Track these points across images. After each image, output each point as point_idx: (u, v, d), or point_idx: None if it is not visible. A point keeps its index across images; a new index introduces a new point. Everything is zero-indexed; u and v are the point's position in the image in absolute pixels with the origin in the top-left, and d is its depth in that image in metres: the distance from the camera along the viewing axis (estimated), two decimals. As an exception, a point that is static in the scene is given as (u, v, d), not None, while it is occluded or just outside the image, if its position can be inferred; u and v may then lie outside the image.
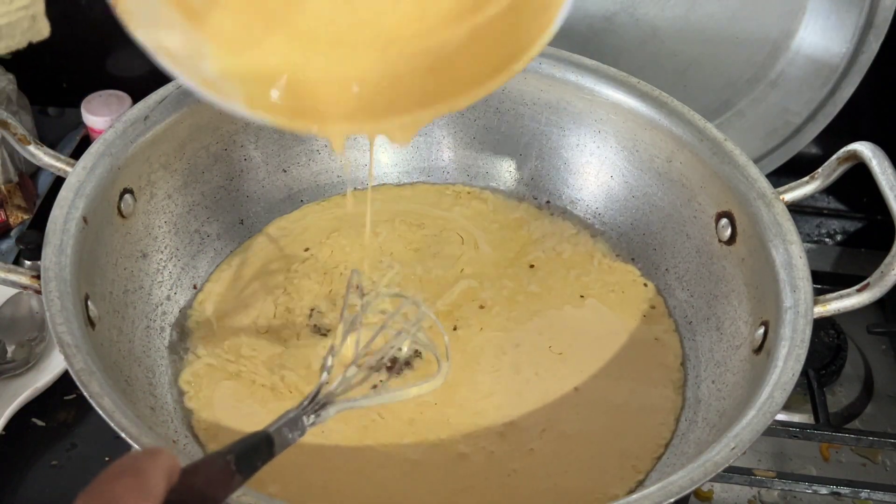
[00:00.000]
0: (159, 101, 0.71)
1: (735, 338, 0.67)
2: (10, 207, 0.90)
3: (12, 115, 0.72)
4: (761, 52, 0.89)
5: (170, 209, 0.73)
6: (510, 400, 0.68)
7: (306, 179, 0.81)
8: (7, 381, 0.76)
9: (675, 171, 0.75)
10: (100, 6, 1.01)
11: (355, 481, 0.63)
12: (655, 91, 0.75)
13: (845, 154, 0.66)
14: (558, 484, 0.63)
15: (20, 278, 0.60)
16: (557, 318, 0.73)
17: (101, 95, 0.97)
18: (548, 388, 0.69)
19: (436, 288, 0.75)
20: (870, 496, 0.74)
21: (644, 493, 0.51)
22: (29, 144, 0.66)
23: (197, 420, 0.66)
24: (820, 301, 0.62)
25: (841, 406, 0.85)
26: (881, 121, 0.96)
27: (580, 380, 0.69)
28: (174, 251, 0.73)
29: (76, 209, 0.63)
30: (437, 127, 0.83)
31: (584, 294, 0.75)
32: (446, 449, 0.65)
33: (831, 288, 0.63)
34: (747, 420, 0.55)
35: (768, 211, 0.67)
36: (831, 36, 0.87)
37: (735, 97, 0.92)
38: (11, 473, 0.74)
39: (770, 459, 0.80)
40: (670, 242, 0.76)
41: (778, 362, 0.58)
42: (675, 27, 0.89)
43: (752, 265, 0.68)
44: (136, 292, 0.69)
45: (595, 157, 0.80)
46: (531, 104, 0.80)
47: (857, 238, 1.03)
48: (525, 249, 0.78)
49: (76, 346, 0.56)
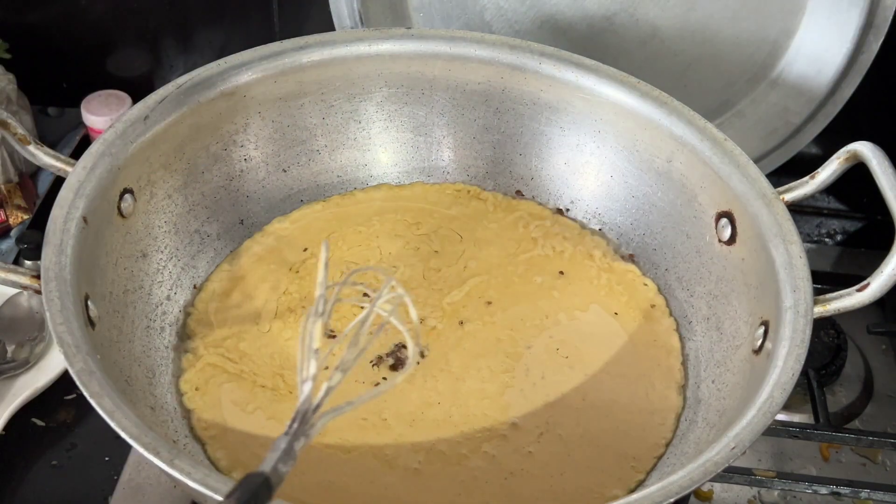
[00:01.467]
0: (159, 101, 0.71)
1: (735, 338, 0.67)
2: (10, 207, 0.90)
3: (12, 115, 0.72)
4: (761, 52, 0.89)
5: (170, 209, 0.73)
6: (516, 400, 0.68)
7: (306, 179, 0.81)
8: (7, 381, 0.77)
9: (675, 171, 0.75)
10: (100, 6, 1.02)
11: (357, 482, 0.63)
12: (655, 91, 0.75)
13: (845, 154, 0.66)
14: (558, 485, 0.63)
15: (20, 278, 0.60)
16: (558, 318, 0.73)
17: (101, 95, 0.98)
18: (548, 389, 0.69)
19: (441, 286, 0.75)
20: (870, 496, 0.74)
21: (644, 493, 0.51)
22: (29, 144, 0.66)
23: (197, 420, 0.66)
24: (820, 301, 0.62)
25: (841, 406, 0.85)
26: (881, 121, 0.96)
27: (579, 380, 0.69)
28: (174, 251, 0.73)
29: (76, 209, 0.63)
30: (437, 127, 0.83)
31: (584, 294, 0.75)
32: (448, 450, 0.65)
33: (831, 288, 0.63)
34: (747, 420, 0.55)
35: (768, 211, 0.67)
36: (831, 36, 0.87)
37: (735, 97, 0.92)
38: (11, 473, 0.74)
39: (770, 459, 0.80)
40: (670, 242, 0.76)
41: (778, 362, 0.58)
42: (675, 27, 0.89)
43: (752, 265, 0.68)
44: (136, 292, 0.69)
45: (595, 157, 0.80)
46: (531, 104, 0.80)
47: (857, 238, 1.03)
48: (525, 249, 0.78)
49: (76, 346, 0.56)
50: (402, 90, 0.81)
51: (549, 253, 0.78)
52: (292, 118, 0.79)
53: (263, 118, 0.78)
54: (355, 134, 0.82)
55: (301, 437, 0.48)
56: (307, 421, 0.49)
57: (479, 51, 0.79)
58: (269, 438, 0.64)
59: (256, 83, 0.76)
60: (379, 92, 0.81)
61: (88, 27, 1.00)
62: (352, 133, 0.82)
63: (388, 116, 0.82)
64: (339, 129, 0.82)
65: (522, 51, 0.78)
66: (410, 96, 0.81)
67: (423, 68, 0.80)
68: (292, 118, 0.79)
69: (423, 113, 0.82)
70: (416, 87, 0.81)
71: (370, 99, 0.81)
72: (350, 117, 0.81)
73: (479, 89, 0.80)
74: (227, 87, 0.75)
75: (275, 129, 0.79)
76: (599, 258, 0.78)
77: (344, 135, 0.82)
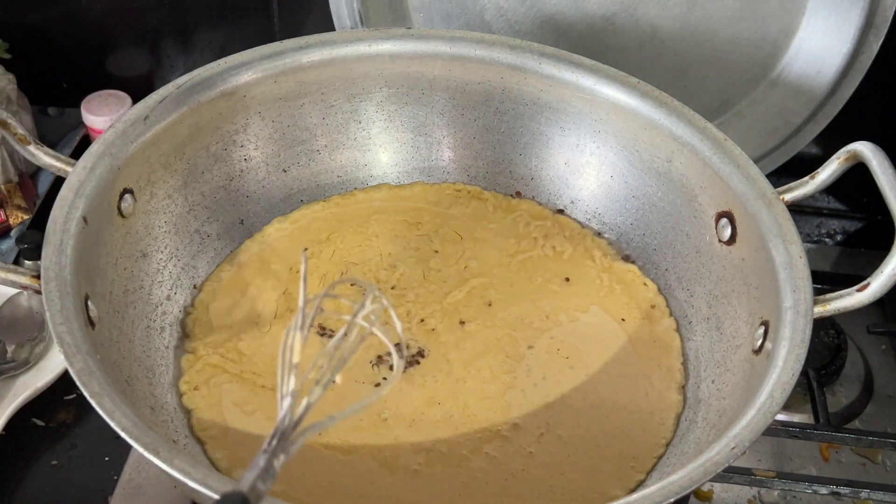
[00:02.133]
0: (159, 101, 0.71)
1: (735, 338, 0.67)
2: (10, 207, 0.90)
3: (12, 115, 0.72)
4: (761, 52, 0.89)
5: (170, 209, 0.73)
6: (517, 401, 0.68)
7: (306, 179, 0.81)
8: (7, 381, 0.77)
9: (675, 171, 0.75)
10: (100, 6, 1.02)
11: (357, 483, 0.63)
12: (655, 91, 0.75)
13: (845, 154, 0.66)
14: (558, 485, 0.63)
15: (20, 278, 0.60)
16: (559, 318, 0.73)
17: (101, 95, 0.98)
18: (549, 390, 0.69)
19: (441, 286, 0.75)
20: (870, 496, 0.74)
21: (644, 493, 0.51)
22: (29, 144, 0.66)
23: (197, 420, 0.66)
24: (820, 301, 0.62)
25: (841, 406, 0.85)
26: (881, 121, 0.96)
27: (580, 380, 0.69)
28: (174, 251, 0.73)
29: (76, 209, 0.63)
30: (437, 127, 0.83)
31: (584, 294, 0.75)
32: (448, 451, 0.65)
33: (831, 288, 0.63)
34: (747, 420, 0.55)
35: (768, 211, 0.67)
36: (831, 36, 0.87)
37: (735, 97, 0.92)
38: (11, 473, 0.74)
39: (770, 459, 0.80)
40: (670, 242, 0.76)
41: (778, 362, 0.58)
42: (675, 27, 0.89)
43: (752, 265, 0.68)
44: (136, 292, 0.69)
45: (595, 157, 0.79)
46: (531, 104, 0.80)
47: (857, 238, 1.03)
48: (525, 249, 0.78)
49: (76, 346, 0.56)
50: (402, 90, 0.81)
51: (549, 253, 0.78)
52: (292, 118, 0.79)
53: (263, 118, 0.78)
54: (355, 134, 0.82)
55: (280, 454, 0.47)
56: (287, 437, 0.47)
57: (479, 51, 0.79)
58: (269, 438, 0.64)
59: (256, 83, 0.76)
60: (379, 92, 0.81)
61: (88, 27, 1.00)
62: (352, 133, 0.82)
63: (388, 116, 0.82)
64: (339, 129, 0.82)
65: (522, 51, 0.78)
66: (410, 96, 0.81)
67: (423, 68, 0.80)
68: (292, 118, 0.79)
69: (423, 113, 0.82)
70: (416, 87, 0.81)
71: (370, 99, 0.81)
72: (350, 117, 0.81)
73: (479, 89, 0.80)
74: (227, 87, 0.75)
75: (275, 129, 0.79)
76: (600, 258, 0.78)
77: (344, 135, 0.82)
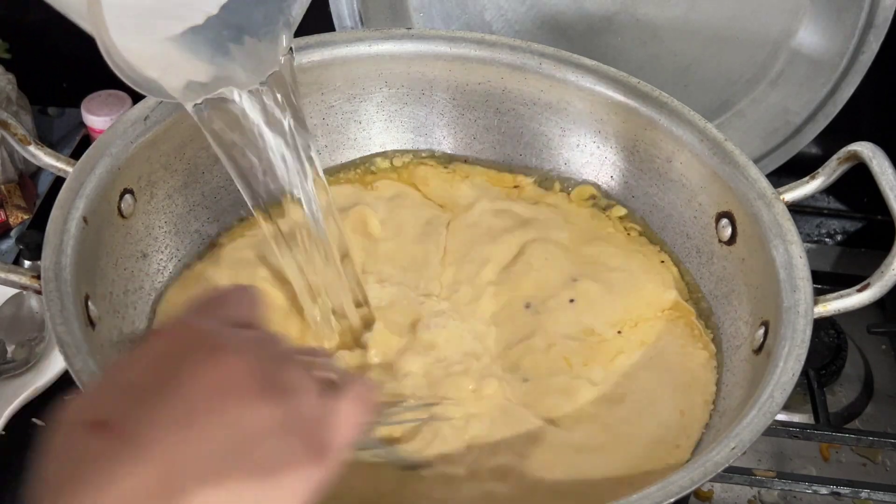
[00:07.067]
0: (159, 101, 0.71)
1: (735, 338, 0.67)
2: (10, 207, 0.90)
3: (12, 115, 0.72)
4: (761, 52, 0.89)
5: (170, 209, 0.73)
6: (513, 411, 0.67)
7: (306, 179, 0.81)
8: (7, 381, 0.77)
9: (675, 171, 0.74)
10: (100, 6, 1.00)
11: (361, 481, 0.62)
12: (655, 91, 0.75)
13: (845, 154, 0.66)
14: (561, 486, 0.63)
15: (20, 278, 0.60)
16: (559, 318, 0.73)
17: (100, 95, 0.97)
18: (550, 391, 0.68)
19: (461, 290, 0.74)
20: (870, 496, 0.74)
21: (644, 493, 0.51)
22: (29, 144, 0.66)
23: (197, 420, 0.65)
24: (820, 301, 0.62)
25: (841, 406, 0.85)
26: (881, 121, 0.96)
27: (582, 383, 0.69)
28: (174, 251, 0.73)
29: (76, 209, 0.63)
30: (438, 127, 0.83)
31: (584, 294, 0.75)
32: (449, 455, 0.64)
33: (831, 288, 0.63)
34: (747, 420, 0.55)
35: (768, 211, 0.67)
36: (831, 36, 0.87)
37: (735, 97, 0.92)
38: (11, 473, 0.74)
39: (770, 459, 0.80)
40: (670, 243, 0.76)
41: (778, 362, 0.58)
42: (675, 27, 0.89)
43: (752, 265, 0.68)
44: (136, 292, 0.69)
45: (595, 157, 0.79)
46: (531, 104, 0.80)
47: (857, 238, 1.03)
48: (525, 248, 0.78)
49: (76, 346, 0.56)
50: (402, 90, 0.81)
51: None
52: (292, 118, 0.79)
53: (263, 118, 0.78)
54: (355, 134, 0.82)
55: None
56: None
57: (480, 51, 0.79)
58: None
59: (256, 83, 0.76)
60: (379, 92, 0.81)
61: (88, 27, 1.00)
62: (352, 133, 0.82)
63: (389, 117, 0.82)
64: (339, 129, 0.81)
65: (522, 51, 0.78)
66: (410, 96, 0.81)
67: (423, 69, 0.80)
68: (292, 118, 0.79)
69: (423, 113, 0.82)
70: (416, 88, 0.81)
71: (370, 99, 0.81)
72: (350, 117, 0.81)
73: (479, 90, 0.80)
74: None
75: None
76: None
77: (344, 135, 0.82)
